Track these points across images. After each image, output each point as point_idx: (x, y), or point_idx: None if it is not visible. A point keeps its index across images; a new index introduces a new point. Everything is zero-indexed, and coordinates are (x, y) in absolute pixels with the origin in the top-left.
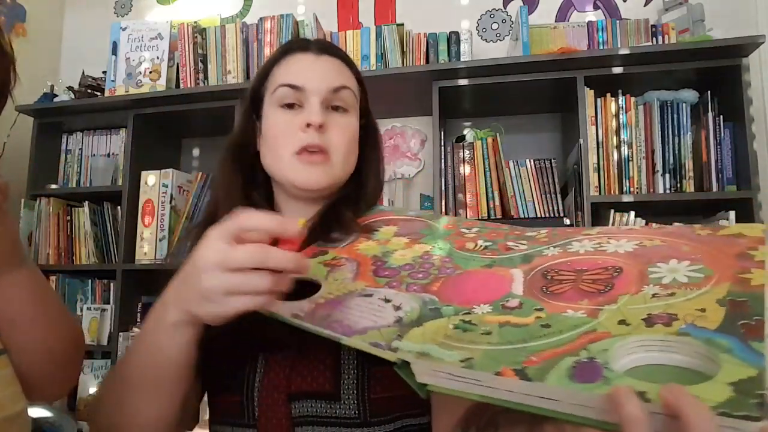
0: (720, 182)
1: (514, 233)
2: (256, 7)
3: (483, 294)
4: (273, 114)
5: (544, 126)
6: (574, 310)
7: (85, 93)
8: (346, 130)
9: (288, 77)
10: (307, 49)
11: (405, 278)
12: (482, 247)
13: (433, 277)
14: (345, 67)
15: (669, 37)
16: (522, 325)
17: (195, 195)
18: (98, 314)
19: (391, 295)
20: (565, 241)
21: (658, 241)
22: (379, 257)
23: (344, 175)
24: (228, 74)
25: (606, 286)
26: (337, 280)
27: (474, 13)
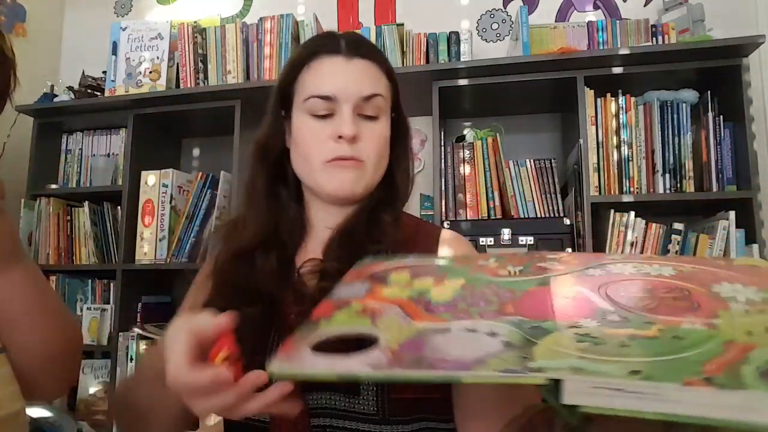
0: (720, 182)
1: (534, 257)
2: (256, 7)
3: (572, 309)
4: (304, 122)
5: (544, 126)
6: (690, 324)
7: (85, 93)
8: (378, 138)
9: (318, 87)
10: (338, 51)
11: (469, 309)
12: (517, 272)
13: (497, 302)
14: (376, 67)
15: (669, 37)
16: (652, 337)
17: (195, 195)
18: (98, 314)
19: (473, 325)
20: (601, 264)
21: (689, 267)
22: (416, 298)
23: (375, 181)
24: (228, 74)
25: (693, 305)
26: (391, 326)
27: (474, 13)
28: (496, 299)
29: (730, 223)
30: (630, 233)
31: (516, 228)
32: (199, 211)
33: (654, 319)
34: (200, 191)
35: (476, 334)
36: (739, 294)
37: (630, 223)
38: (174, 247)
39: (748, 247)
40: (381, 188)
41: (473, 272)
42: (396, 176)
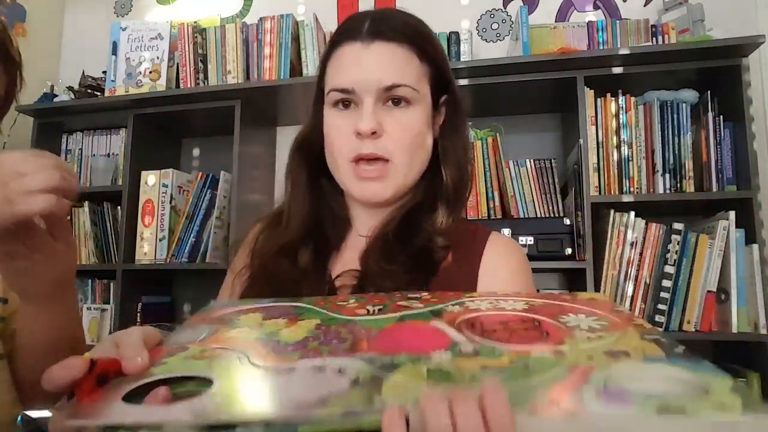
0: (720, 182)
1: (394, 297)
2: (256, 7)
3: (427, 343)
4: (328, 115)
5: (544, 126)
6: (540, 352)
7: (85, 93)
8: (407, 129)
9: (337, 79)
10: (356, 36)
11: (319, 347)
12: (376, 311)
13: (350, 340)
14: (403, 49)
15: (669, 37)
16: (502, 367)
17: (195, 195)
18: (98, 314)
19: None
20: (459, 301)
21: (539, 301)
22: (264, 339)
23: (412, 178)
24: (228, 74)
25: (543, 333)
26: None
27: (474, 13)
28: (350, 337)
29: (730, 223)
30: (630, 233)
31: (516, 228)
32: (199, 211)
33: (505, 349)
34: (200, 191)
35: (323, 373)
36: (582, 323)
37: (630, 223)
38: (174, 247)
39: (748, 246)
40: (425, 186)
41: (330, 312)
42: (443, 172)
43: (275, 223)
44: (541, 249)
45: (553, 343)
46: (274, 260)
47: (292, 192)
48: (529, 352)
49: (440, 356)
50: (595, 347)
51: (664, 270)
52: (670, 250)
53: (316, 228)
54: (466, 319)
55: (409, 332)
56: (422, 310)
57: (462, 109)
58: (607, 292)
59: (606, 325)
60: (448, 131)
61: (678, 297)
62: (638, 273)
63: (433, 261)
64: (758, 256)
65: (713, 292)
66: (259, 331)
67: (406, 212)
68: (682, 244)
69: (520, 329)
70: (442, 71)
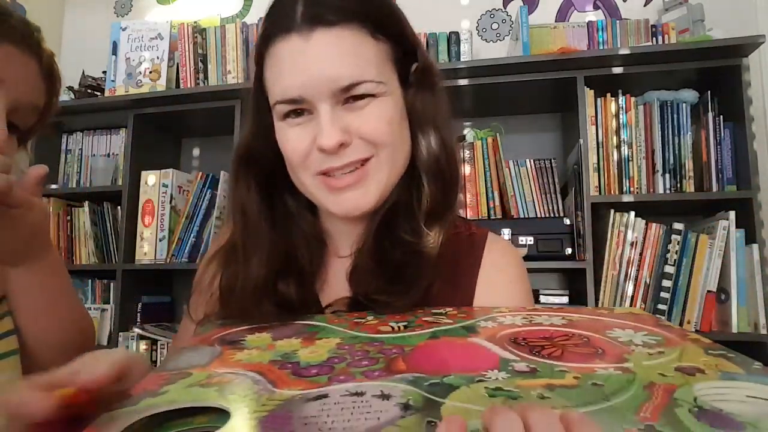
0: (720, 182)
1: (416, 313)
2: (256, 7)
3: (473, 361)
4: (280, 130)
5: (544, 126)
6: (603, 369)
7: (85, 93)
8: (379, 121)
9: (280, 89)
10: (290, 27)
11: (348, 369)
12: (401, 327)
13: (384, 359)
14: (350, 30)
15: (669, 37)
16: (570, 387)
17: (195, 195)
18: (98, 314)
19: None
20: (490, 316)
21: (576, 316)
22: (281, 361)
23: (396, 174)
24: (228, 74)
25: (597, 350)
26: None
27: (474, 13)
28: (381, 356)
29: (730, 223)
30: (630, 233)
31: (516, 228)
32: (199, 211)
33: (565, 367)
34: (200, 191)
35: (363, 397)
36: (633, 338)
37: (630, 223)
38: (174, 247)
39: (748, 247)
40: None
41: (349, 330)
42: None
43: (231, 257)
44: (541, 249)
45: (613, 360)
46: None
47: (242, 220)
48: (593, 369)
49: (495, 375)
50: (662, 363)
51: (664, 270)
52: (670, 250)
53: (287, 256)
54: (507, 335)
55: (449, 349)
56: (454, 326)
57: (435, 75)
58: (607, 292)
59: (661, 341)
60: (422, 107)
61: (678, 297)
62: (638, 273)
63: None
64: (758, 256)
65: (713, 292)
66: (272, 352)
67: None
68: (682, 244)
69: (570, 345)
70: (406, 40)
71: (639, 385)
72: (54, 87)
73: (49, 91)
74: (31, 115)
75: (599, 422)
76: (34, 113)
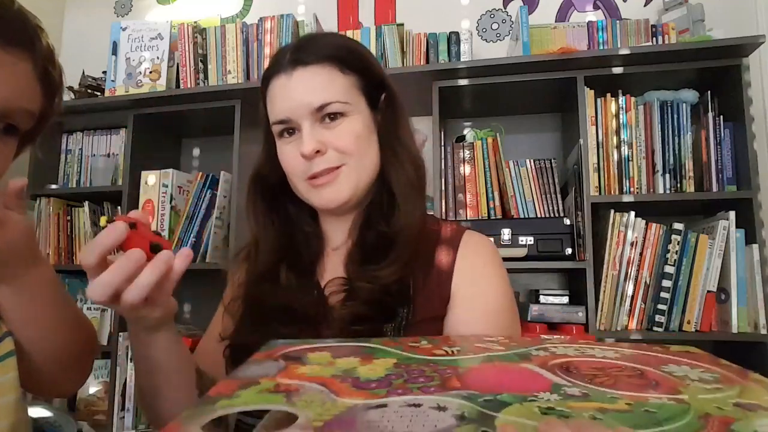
0: (720, 182)
1: (470, 339)
2: (256, 7)
3: (526, 383)
4: (279, 146)
5: (544, 126)
6: (657, 399)
7: (85, 93)
8: (346, 138)
9: (274, 113)
10: (280, 70)
11: (405, 385)
12: (455, 351)
13: (439, 378)
14: (324, 69)
15: (669, 37)
16: (622, 411)
17: (195, 195)
18: (98, 314)
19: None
20: (542, 346)
21: (629, 351)
22: (342, 375)
23: (366, 178)
24: (228, 74)
25: (651, 382)
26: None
27: (474, 13)
28: (437, 375)
29: (730, 223)
30: (630, 233)
31: (516, 228)
32: (199, 211)
33: (617, 394)
34: (200, 191)
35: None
36: (690, 374)
37: (630, 223)
38: (174, 247)
39: (749, 247)
40: (377, 187)
41: (405, 351)
42: (389, 168)
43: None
44: (541, 249)
45: (667, 391)
46: (256, 287)
47: (255, 224)
48: (646, 398)
49: (548, 396)
50: (719, 398)
51: (664, 270)
52: (670, 250)
53: (290, 249)
54: (559, 363)
55: (502, 372)
56: (507, 353)
57: (398, 102)
58: (607, 292)
59: (718, 377)
60: (388, 126)
61: (678, 297)
62: (638, 273)
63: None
64: (758, 256)
65: (713, 292)
66: (333, 368)
67: (365, 216)
68: (682, 244)
69: (623, 376)
70: (370, 76)
71: (694, 415)
72: (51, 88)
73: (46, 93)
74: (27, 119)
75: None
76: (30, 118)
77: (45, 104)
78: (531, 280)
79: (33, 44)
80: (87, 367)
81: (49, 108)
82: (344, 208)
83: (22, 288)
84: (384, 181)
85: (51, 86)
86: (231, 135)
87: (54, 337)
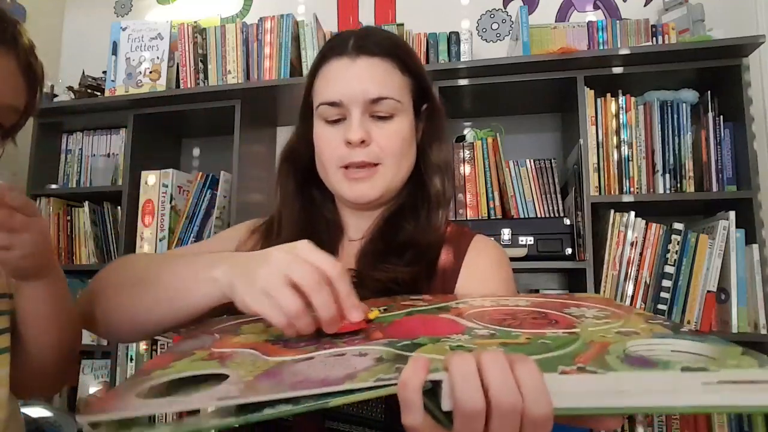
0: (720, 182)
1: (397, 299)
2: (256, 7)
3: (442, 329)
4: (318, 128)
5: (544, 126)
6: (553, 332)
7: (85, 93)
8: (392, 137)
9: (326, 93)
10: (343, 52)
11: (333, 341)
12: (381, 310)
13: (364, 333)
14: (387, 64)
15: (669, 37)
16: (522, 344)
17: (195, 195)
18: None
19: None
20: (463, 300)
21: (540, 299)
22: (273, 339)
23: (399, 180)
24: (228, 74)
25: (551, 321)
26: (245, 362)
27: (474, 13)
28: (362, 330)
29: (730, 223)
30: (630, 233)
31: (516, 228)
32: (199, 211)
33: (520, 332)
34: (200, 191)
35: (344, 357)
36: (586, 313)
37: (630, 223)
38: (174, 247)
39: (749, 247)
40: (408, 190)
41: None
42: (425, 176)
43: (269, 231)
44: (541, 249)
45: (563, 327)
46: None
47: (282, 201)
48: (544, 333)
49: (459, 337)
50: (606, 329)
51: (664, 270)
52: (670, 250)
53: (311, 233)
54: (474, 312)
55: (421, 322)
56: (428, 307)
57: (442, 116)
58: (607, 292)
59: (609, 314)
60: (429, 138)
61: (678, 297)
62: (638, 273)
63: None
64: (758, 256)
65: (713, 292)
66: (267, 334)
67: (391, 214)
68: (682, 244)
69: (529, 318)
70: (422, 82)
71: (582, 342)
72: (35, 82)
73: (29, 88)
74: (12, 115)
75: (540, 365)
76: (14, 114)
77: (29, 98)
78: (531, 280)
79: (15, 40)
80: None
81: (32, 102)
82: (371, 205)
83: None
84: (416, 185)
85: (34, 80)
86: (231, 135)
87: (56, 333)
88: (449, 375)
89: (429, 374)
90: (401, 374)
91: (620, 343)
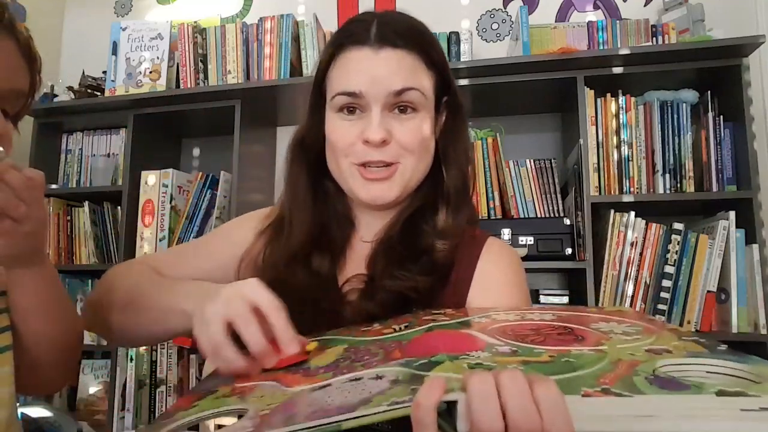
0: (720, 182)
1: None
2: (256, 7)
3: (462, 345)
4: (333, 121)
5: (544, 126)
6: (578, 350)
7: (85, 93)
8: (414, 135)
9: (344, 83)
10: (364, 41)
11: (352, 365)
12: (402, 327)
13: (383, 354)
14: (412, 56)
15: (669, 37)
16: (544, 362)
17: (195, 195)
18: None
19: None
20: (486, 314)
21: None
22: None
23: (417, 179)
24: (228, 74)
25: (578, 337)
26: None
27: (474, 13)
28: (381, 351)
29: (730, 223)
30: (630, 233)
31: (516, 228)
32: (199, 211)
33: (543, 349)
34: (200, 191)
35: (360, 381)
36: (615, 329)
37: (630, 223)
38: None
39: (749, 247)
40: (426, 188)
41: (356, 336)
42: (444, 175)
43: (279, 229)
44: (541, 249)
45: (590, 344)
46: (288, 270)
47: (291, 196)
48: (569, 350)
49: (479, 354)
50: (635, 346)
51: (664, 270)
52: (670, 250)
53: (322, 231)
54: (497, 328)
55: (441, 338)
56: (449, 322)
57: (463, 111)
58: (607, 292)
59: (640, 329)
60: (449, 134)
61: (678, 297)
62: (638, 273)
63: (437, 263)
64: (758, 256)
65: (713, 292)
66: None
67: (410, 215)
68: (682, 244)
69: (554, 334)
70: (445, 75)
71: (608, 361)
72: (35, 66)
73: (31, 71)
74: (17, 100)
75: (561, 386)
76: (20, 97)
77: (31, 81)
78: (531, 280)
79: (12, 23)
80: (74, 365)
81: (34, 85)
82: (387, 205)
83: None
84: (433, 183)
85: (35, 62)
86: (231, 135)
87: (53, 329)
88: (467, 395)
89: (445, 394)
90: (416, 395)
91: (650, 363)
